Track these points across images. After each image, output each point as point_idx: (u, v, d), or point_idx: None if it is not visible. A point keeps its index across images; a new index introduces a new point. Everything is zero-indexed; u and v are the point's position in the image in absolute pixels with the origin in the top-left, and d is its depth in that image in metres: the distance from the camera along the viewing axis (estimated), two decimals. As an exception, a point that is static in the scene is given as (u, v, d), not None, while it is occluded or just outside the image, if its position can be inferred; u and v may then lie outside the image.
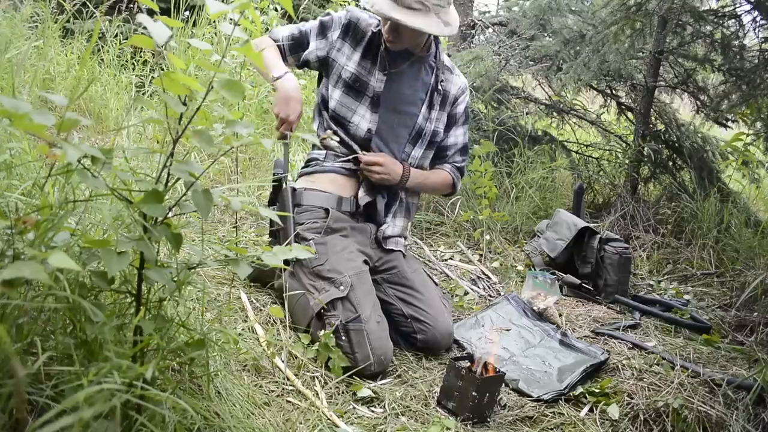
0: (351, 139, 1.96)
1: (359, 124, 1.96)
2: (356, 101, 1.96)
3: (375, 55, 1.96)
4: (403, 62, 1.98)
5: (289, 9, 0.97)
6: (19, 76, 2.61)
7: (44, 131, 0.79)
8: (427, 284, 2.01)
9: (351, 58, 1.95)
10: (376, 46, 1.96)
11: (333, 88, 1.97)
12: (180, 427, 0.97)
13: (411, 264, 2.05)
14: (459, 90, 2.10)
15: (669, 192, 3.67)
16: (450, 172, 2.13)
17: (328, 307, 1.72)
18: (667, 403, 1.62)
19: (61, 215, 0.99)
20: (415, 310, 1.91)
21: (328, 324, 1.70)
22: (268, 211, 1.07)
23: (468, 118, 2.17)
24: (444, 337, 1.90)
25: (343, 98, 1.96)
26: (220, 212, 2.45)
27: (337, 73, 1.96)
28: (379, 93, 1.95)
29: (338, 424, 1.42)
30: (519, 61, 4.00)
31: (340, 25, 1.96)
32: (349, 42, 1.96)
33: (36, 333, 0.93)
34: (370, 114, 1.96)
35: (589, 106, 4.43)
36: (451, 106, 2.10)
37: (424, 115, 2.02)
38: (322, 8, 4.56)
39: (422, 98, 2.02)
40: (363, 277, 1.81)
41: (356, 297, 1.73)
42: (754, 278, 2.52)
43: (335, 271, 1.78)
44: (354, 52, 1.96)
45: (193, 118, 0.95)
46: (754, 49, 3.35)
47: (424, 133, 2.04)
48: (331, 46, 1.96)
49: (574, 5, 3.87)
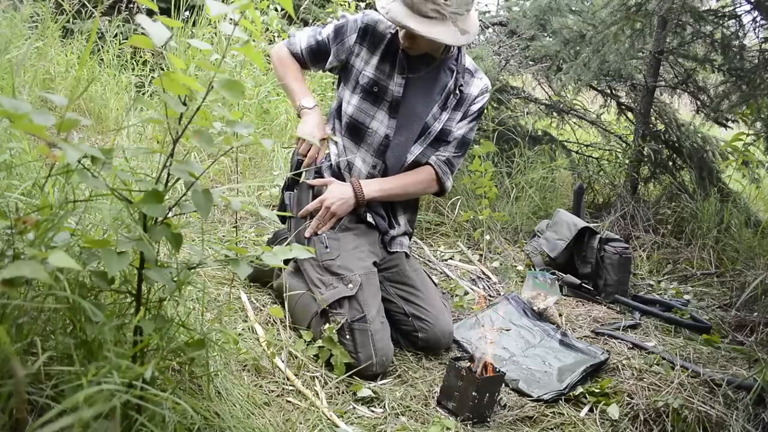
0: (368, 146, 1.94)
1: (378, 129, 1.92)
2: (375, 106, 1.92)
3: (394, 59, 1.91)
4: (424, 66, 1.94)
5: (289, 9, 0.97)
6: (19, 76, 2.61)
7: (44, 131, 0.79)
8: (427, 284, 2.01)
9: (369, 63, 1.91)
10: (394, 49, 1.91)
11: (351, 94, 1.94)
12: (180, 427, 0.97)
13: (412, 263, 2.05)
14: (479, 91, 2.05)
15: (669, 192, 3.67)
16: (434, 164, 1.99)
17: (335, 304, 1.72)
18: (667, 403, 1.62)
19: (61, 215, 0.99)
20: (417, 308, 1.91)
21: (333, 321, 1.70)
22: (268, 211, 1.07)
23: (480, 116, 2.11)
24: (445, 335, 1.90)
25: (361, 104, 1.92)
26: (220, 212, 2.45)
27: (355, 79, 1.92)
28: (398, 98, 1.91)
29: (338, 424, 1.42)
30: (519, 61, 4.00)
31: (356, 29, 1.91)
32: (366, 46, 1.92)
33: (36, 333, 0.93)
34: (389, 119, 1.92)
35: (589, 106, 4.43)
36: (469, 106, 2.05)
37: (434, 115, 1.97)
38: (322, 8, 4.56)
39: (437, 99, 1.98)
40: (372, 277, 1.81)
41: (364, 297, 1.74)
42: (754, 278, 2.52)
43: (346, 268, 1.78)
44: (372, 56, 1.92)
45: (193, 118, 0.95)
46: (754, 49, 3.35)
47: (429, 131, 1.99)
48: (349, 52, 1.92)
49: (574, 5, 3.87)
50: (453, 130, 2.03)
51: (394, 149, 1.95)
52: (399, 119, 1.93)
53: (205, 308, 1.30)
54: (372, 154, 1.94)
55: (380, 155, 1.94)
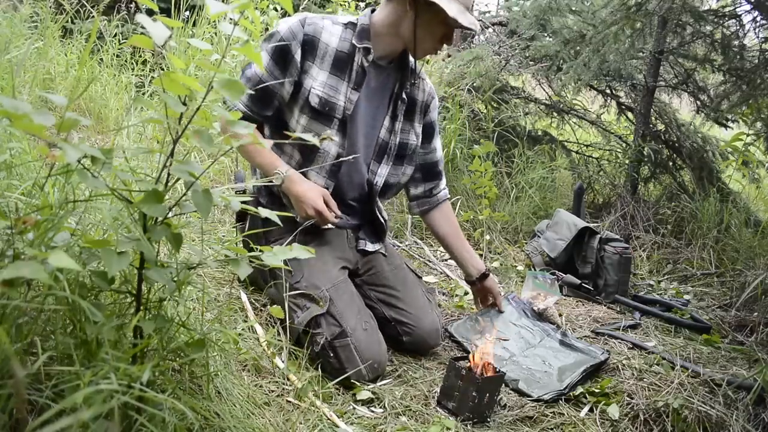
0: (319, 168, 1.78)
1: (329, 149, 1.77)
2: (325, 126, 1.75)
3: (343, 71, 1.75)
4: (380, 73, 1.82)
5: (289, 9, 0.97)
6: (19, 76, 2.61)
7: (44, 131, 0.79)
8: (408, 281, 1.92)
9: (317, 79, 1.73)
10: (344, 60, 1.75)
11: (299, 114, 1.75)
12: (180, 427, 0.97)
13: (392, 261, 1.96)
14: (428, 96, 1.95)
15: (669, 192, 3.68)
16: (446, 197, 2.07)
17: (312, 324, 1.66)
18: (667, 403, 1.62)
19: (61, 215, 0.99)
20: (397, 311, 1.85)
21: (315, 343, 1.64)
22: (268, 211, 1.07)
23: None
24: (431, 335, 1.85)
25: (310, 124, 1.74)
26: (220, 212, 2.44)
27: (304, 97, 1.73)
28: (348, 114, 1.76)
29: (338, 424, 1.42)
30: (519, 61, 4.00)
31: (299, 42, 1.70)
32: (312, 60, 1.73)
33: (36, 333, 0.93)
34: (340, 137, 1.77)
35: (589, 106, 4.43)
36: (424, 115, 1.95)
37: (386, 128, 1.85)
38: (322, 8, 4.55)
39: (384, 109, 1.85)
40: (341, 286, 1.73)
41: (337, 310, 1.67)
42: (754, 278, 2.52)
43: (312, 286, 1.69)
44: (320, 71, 1.73)
45: (193, 118, 0.95)
46: (754, 49, 3.35)
47: (389, 147, 1.87)
48: (299, 70, 1.72)
49: (574, 5, 3.87)
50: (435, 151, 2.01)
51: (346, 168, 1.83)
52: (350, 136, 1.80)
53: (205, 308, 1.30)
54: (324, 175, 1.80)
55: (332, 176, 1.81)
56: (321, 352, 1.64)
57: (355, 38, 1.77)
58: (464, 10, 1.69)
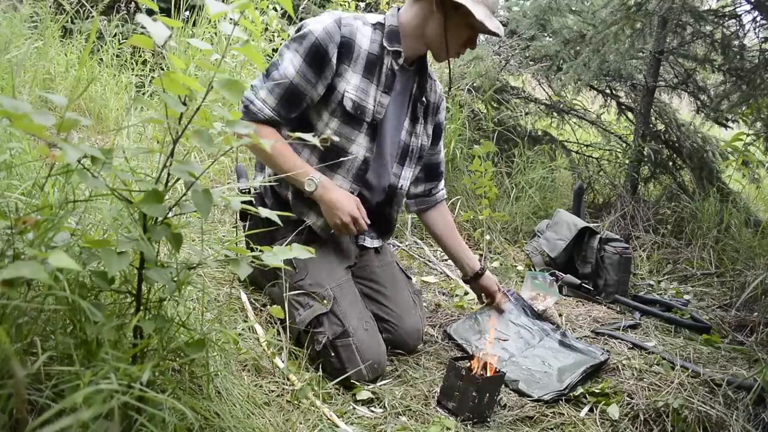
0: (345, 172, 1.75)
1: (358, 153, 1.75)
2: (356, 130, 1.73)
3: (372, 74, 1.73)
4: (404, 75, 1.81)
5: (289, 9, 0.97)
6: (19, 76, 2.61)
7: (44, 131, 0.79)
8: (396, 279, 1.92)
9: (350, 82, 1.70)
10: (374, 62, 1.73)
11: (330, 117, 1.71)
12: (180, 427, 0.97)
13: (383, 258, 1.96)
14: (439, 98, 1.95)
15: (669, 192, 3.68)
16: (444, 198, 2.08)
17: (314, 323, 1.66)
18: (667, 403, 1.62)
19: (61, 215, 0.99)
20: (380, 308, 1.85)
21: (316, 342, 1.65)
22: (268, 211, 1.07)
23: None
24: (411, 336, 1.85)
25: (342, 128, 1.71)
26: (220, 212, 2.44)
27: (336, 101, 1.70)
28: (379, 118, 1.75)
29: (338, 424, 1.42)
30: (519, 61, 4.00)
31: (335, 45, 1.66)
32: (347, 63, 1.69)
33: (36, 333, 0.93)
34: (369, 142, 1.75)
35: (589, 106, 4.43)
36: (435, 116, 1.95)
37: (407, 130, 1.85)
38: (322, 8, 4.56)
39: (406, 111, 1.84)
40: (345, 286, 1.73)
41: (341, 309, 1.67)
42: (754, 278, 2.52)
43: (317, 284, 1.70)
44: (353, 74, 1.71)
45: (193, 118, 0.95)
46: (754, 49, 3.35)
47: (411, 150, 1.87)
48: (334, 73, 1.69)
49: (574, 5, 3.87)
50: (439, 153, 2.03)
51: (373, 172, 1.82)
52: (378, 141, 1.79)
53: (205, 308, 1.30)
54: (350, 179, 1.77)
55: (358, 180, 1.78)
56: (322, 352, 1.64)
57: (385, 40, 1.74)
58: (490, 15, 1.68)
